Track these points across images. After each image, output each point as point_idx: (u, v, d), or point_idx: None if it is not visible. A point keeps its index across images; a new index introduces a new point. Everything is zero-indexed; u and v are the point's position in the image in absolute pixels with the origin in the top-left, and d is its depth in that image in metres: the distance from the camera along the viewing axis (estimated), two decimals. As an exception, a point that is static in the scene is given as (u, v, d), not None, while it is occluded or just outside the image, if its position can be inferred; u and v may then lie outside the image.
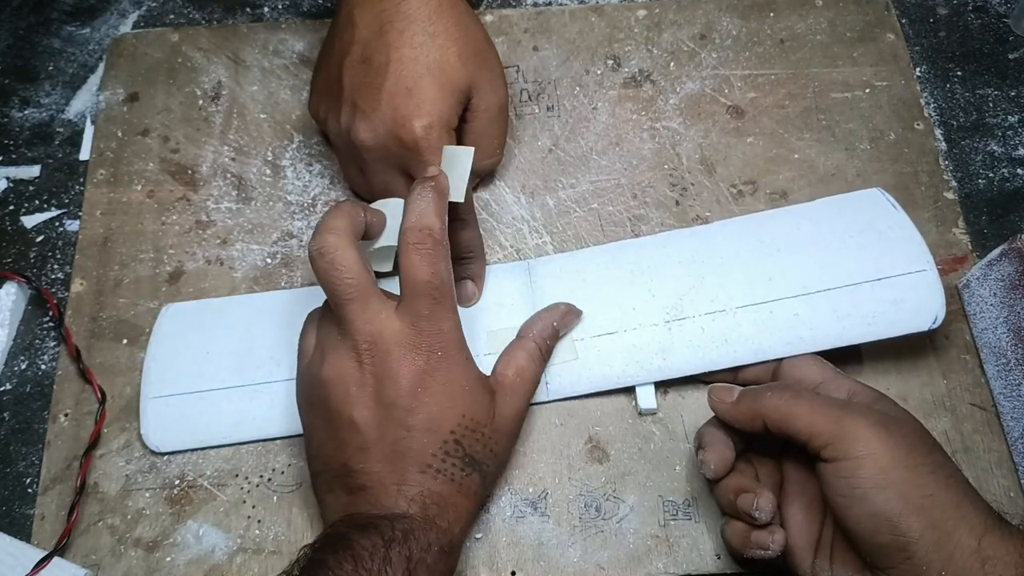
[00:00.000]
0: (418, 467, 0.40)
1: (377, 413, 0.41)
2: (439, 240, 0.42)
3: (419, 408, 0.41)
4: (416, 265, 0.41)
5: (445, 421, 0.41)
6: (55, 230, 0.56)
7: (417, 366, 0.41)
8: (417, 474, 0.40)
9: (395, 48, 0.48)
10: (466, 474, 0.41)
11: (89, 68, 0.62)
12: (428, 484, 0.40)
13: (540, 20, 0.62)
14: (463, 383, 0.42)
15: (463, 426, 0.41)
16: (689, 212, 0.55)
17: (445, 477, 0.41)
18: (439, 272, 0.41)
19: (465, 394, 0.42)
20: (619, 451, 0.48)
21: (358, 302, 0.41)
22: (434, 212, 0.42)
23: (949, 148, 0.57)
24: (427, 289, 0.41)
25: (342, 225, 0.41)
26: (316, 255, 0.41)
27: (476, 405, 0.42)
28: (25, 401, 0.51)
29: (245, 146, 0.58)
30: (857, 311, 0.47)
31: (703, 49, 0.61)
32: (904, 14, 0.62)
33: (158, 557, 0.46)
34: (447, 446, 0.41)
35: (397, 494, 0.40)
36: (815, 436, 0.39)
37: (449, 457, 0.41)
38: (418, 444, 0.40)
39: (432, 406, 0.41)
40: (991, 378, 0.49)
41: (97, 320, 0.52)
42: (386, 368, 0.41)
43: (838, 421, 0.38)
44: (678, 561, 0.45)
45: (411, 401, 0.40)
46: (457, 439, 0.41)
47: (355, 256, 0.41)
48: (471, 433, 0.42)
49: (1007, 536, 0.37)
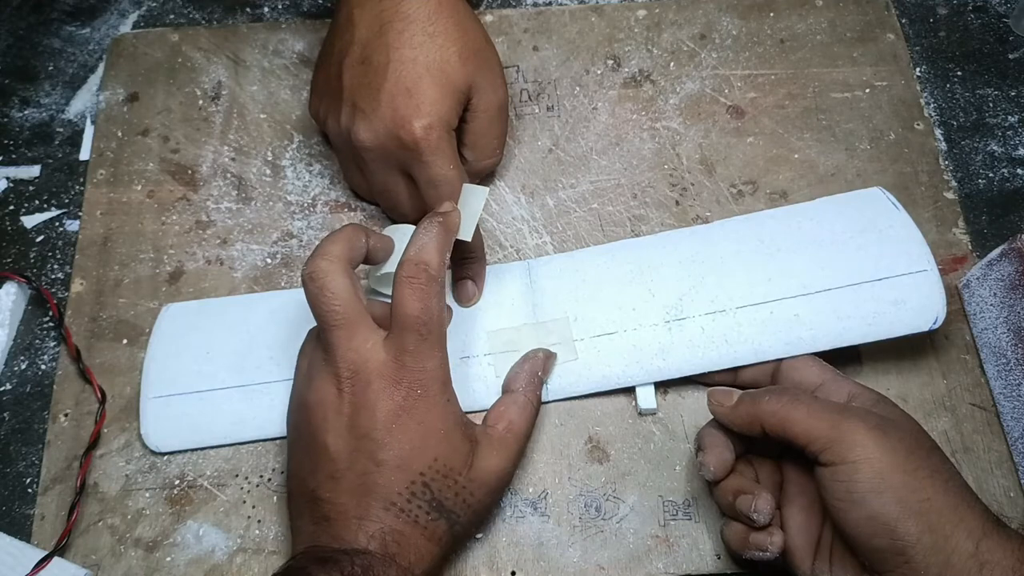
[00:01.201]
0: (382, 504, 0.40)
1: (349, 443, 0.40)
2: (434, 276, 0.41)
3: (391, 444, 0.40)
4: (407, 299, 0.40)
5: (415, 461, 0.40)
6: (55, 230, 0.56)
7: (395, 401, 0.40)
8: (380, 510, 0.40)
9: (395, 48, 0.48)
10: (431, 518, 0.40)
11: (89, 68, 0.62)
12: (390, 522, 0.39)
13: (540, 20, 0.62)
14: (439, 425, 0.41)
15: (434, 469, 0.41)
16: (689, 212, 0.55)
17: (408, 518, 0.40)
18: (429, 308, 0.40)
19: (440, 437, 0.41)
20: (619, 451, 0.48)
21: (344, 329, 0.41)
22: (435, 248, 0.42)
23: (949, 148, 0.57)
24: (415, 324, 0.40)
25: (336, 251, 0.41)
26: (307, 279, 0.41)
27: (451, 451, 0.41)
28: (25, 401, 0.51)
29: (245, 146, 0.58)
30: (857, 311, 0.47)
31: (703, 49, 0.61)
32: (904, 14, 0.62)
33: (158, 557, 0.46)
34: (414, 487, 0.40)
35: (358, 529, 0.39)
36: (812, 440, 0.39)
37: (415, 498, 0.40)
38: (385, 480, 0.40)
39: (404, 443, 0.40)
40: (991, 378, 0.49)
41: (97, 320, 0.52)
42: (364, 399, 0.40)
43: (835, 425, 0.38)
44: (678, 561, 0.45)
45: (384, 435, 0.40)
46: (426, 481, 0.40)
47: (345, 284, 0.41)
48: (442, 478, 0.41)
49: (1005, 540, 0.37)
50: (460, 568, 0.46)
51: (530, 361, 0.48)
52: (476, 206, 0.45)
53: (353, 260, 0.42)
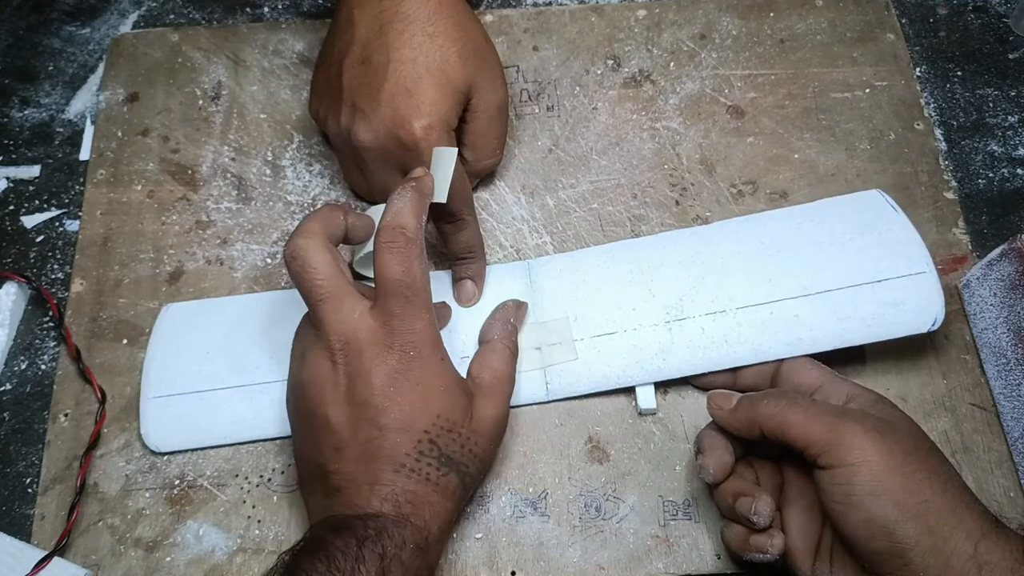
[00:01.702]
0: (391, 466, 0.40)
1: (350, 412, 0.40)
2: (412, 239, 0.41)
3: (391, 407, 0.40)
4: (387, 263, 0.41)
5: (418, 421, 0.41)
6: (55, 230, 0.56)
7: (389, 365, 0.40)
8: (391, 473, 0.40)
9: (395, 49, 0.48)
10: (442, 473, 0.41)
11: (89, 68, 0.62)
12: (401, 483, 0.40)
13: (540, 20, 0.62)
14: (437, 383, 0.42)
15: (438, 426, 0.41)
16: (689, 212, 0.55)
17: (420, 476, 0.40)
18: (411, 271, 0.41)
19: (440, 394, 0.41)
20: (619, 451, 0.48)
21: (330, 302, 0.41)
22: (411, 211, 0.42)
23: (949, 148, 0.57)
24: (398, 287, 0.41)
25: (315, 228, 0.42)
26: (289, 259, 0.41)
27: (452, 405, 0.42)
28: (25, 401, 0.51)
29: (245, 146, 0.58)
30: (857, 312, 0.47)
31: (703, 49, 0.61)
32: (904, 14, 0.62)
33: (158, 557, 0.46)
34: (421, 445, 0.40)
35: (370, 494, 0.39)
36: (811, 444, 0.39)
37: (424, 456, 0.40)
38: (391, 443, 0.40)
39: (404, 405, 0.40)
40: (991, 378, 0.49)
41: (97, 320, 0.52)
42: (359, 367, 0.40)
43: (833, 428, 0.38)
44: (678, 561, 0.45)
45: (383, 400, 0.40)
46: (432, 439, 0.41)
47: (326, 258, 0.41)
48: (447, 433, 0.41)
49: (1004, 540, 0.37)
50: (460, 568, 0.46)
51: (501, 311, 0.49)
52: (447, 169, 0.45)
53: (332, 236, 0.43)
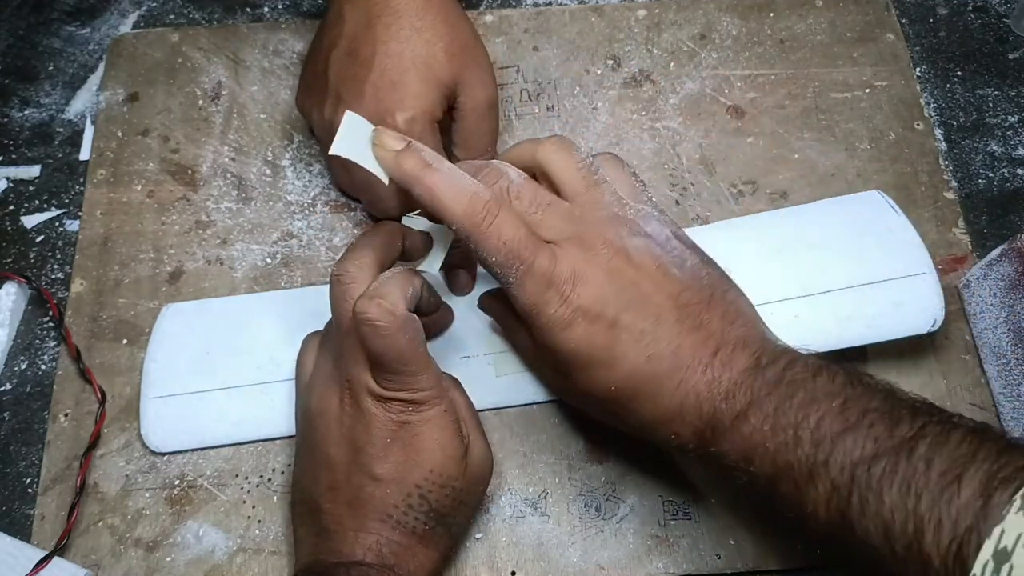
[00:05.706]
0: (378, 516, 0.40)
1: (348, 455, 0.40)
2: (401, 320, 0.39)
3: (386, 458, 0.40)
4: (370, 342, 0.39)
5: (411, 475, 0.40)
6: (55, 230, 0.56)
7: (388, 416, 0.40)
8: (377, 522, 0.39)
9: (381, 42, 0.48)
10: (428, 527, 0.40)
11: (89, 68, 0.62)
12: (387, 533, 0.39)
13: (540, 20, 0.62)
14: (434, 436, 0.40)
15: (430, 481, 0.40)
16: (689, 212, 0.55)
17: (406, 529, 0.40)
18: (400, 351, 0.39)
19: (435, 447, 0.40)
20: (619, 451, 0.48)
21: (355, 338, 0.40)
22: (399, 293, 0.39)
23: (949, 148, 0.57)
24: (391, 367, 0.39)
25: (368, 257, 0.41)
26: (334, 280, 0.40)
27: (446, 459, 0.41)
28: (25, 401, 0.51)
29: (245, 146, 0.58)
30: (857, 313, 0.47)
31: (703, 49, 0.61)
32: (904, 14, 0.62)
33: (158, 557, 0.46)
34: (411, 499, 0.40)
35: (354, 542, 0.39)
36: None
37: (412, 511, 0.40)
38: (381, 494, 0.40)
39: (399, 457, 0.40)
40: (991, 378, 0.49)
41: (97, 320, 0.52)
42: (360, 412, 0.40)
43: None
44: (678, 561, 0.45)
45: (379, 450, 0.40)
46: (423, 493, 0.40)
47: None
48: (439, 488, 0.40)
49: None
50: (460, 568, 0.46)
51: None
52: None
53: (384, 264, 0.42)
